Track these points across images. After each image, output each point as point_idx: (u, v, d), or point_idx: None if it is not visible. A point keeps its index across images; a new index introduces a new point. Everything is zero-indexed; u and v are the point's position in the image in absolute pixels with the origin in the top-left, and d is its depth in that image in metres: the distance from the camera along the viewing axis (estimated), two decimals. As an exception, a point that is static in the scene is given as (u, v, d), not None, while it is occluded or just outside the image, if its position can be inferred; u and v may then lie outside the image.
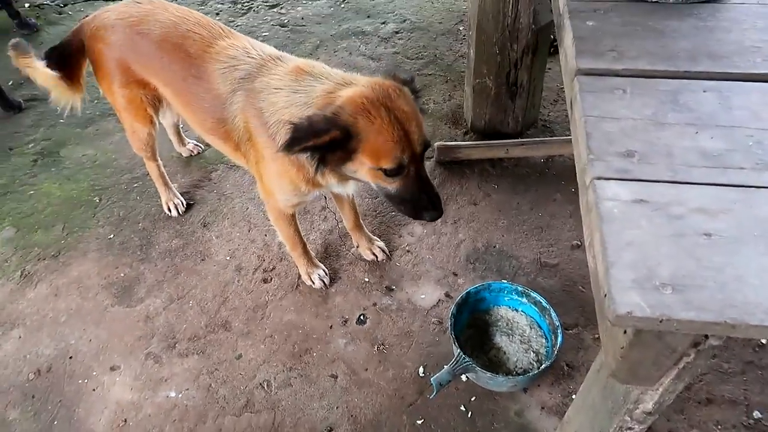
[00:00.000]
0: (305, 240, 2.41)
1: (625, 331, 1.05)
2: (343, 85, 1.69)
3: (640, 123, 1.28)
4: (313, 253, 2.47)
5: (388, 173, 1.64)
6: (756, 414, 2.01)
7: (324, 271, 2.46)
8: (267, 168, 1.97)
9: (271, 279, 2.51)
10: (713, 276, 0.99)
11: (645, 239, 1.04)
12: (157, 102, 2.33)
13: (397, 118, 1.57)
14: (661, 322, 0.94)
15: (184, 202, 2.81)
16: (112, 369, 2.25)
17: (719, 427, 1.99)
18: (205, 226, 2.75)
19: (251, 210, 2.79)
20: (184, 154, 3.07)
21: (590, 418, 1.56)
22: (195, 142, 3.07)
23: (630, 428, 1.35)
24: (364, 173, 1.69)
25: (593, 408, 1.54)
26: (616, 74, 1.40)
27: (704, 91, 1.35)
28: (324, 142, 1.56)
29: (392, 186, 1.70)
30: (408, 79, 1.74)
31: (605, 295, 0.98)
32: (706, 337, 1.05)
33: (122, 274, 2.57)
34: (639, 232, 1.06)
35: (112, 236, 2.73)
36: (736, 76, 1.38)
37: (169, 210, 2.78)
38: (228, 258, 2.60)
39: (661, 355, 1.05)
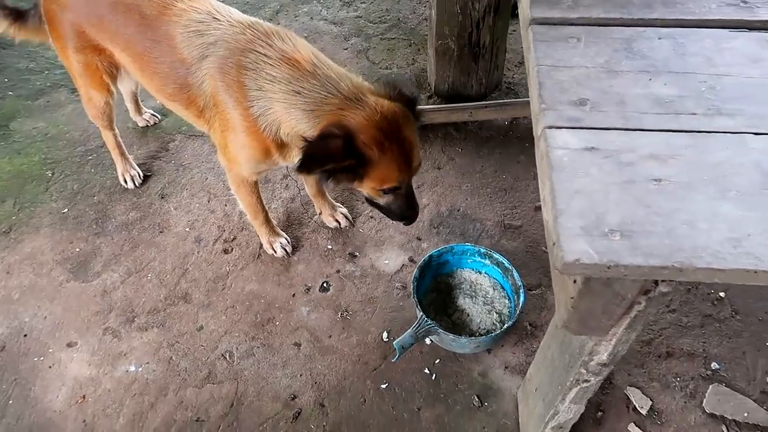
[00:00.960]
0: (267, 209, 2.35)
1: (574, 281, 1.03)
2: (353, 101, 1.65)
3: (593, 71, 1.25)
4: (274, 222, 2.42)
5: (386, 192, 1.79)
6: (714, 365, 2.05)
7: (286, 239, 2.41)
8: (235, 138, 1.89)
9: (232, 249, 2.45)
10: (662, 221, 0.97)
11: (594, 187, 1.02)
12: (114, 69, 2.22)
13: (404, 147, 1.67)
14: (608, 268, 0.92)
15: (141, 174, 2.72)
16: (69, 345, 2.18)
17: (678, 379, 2.02)
18: (163, 197, 2.66)
19: (210, 180, 2.71)
20: (140, 124, 2.96)
21: (549, 373, 1.56)
22: (152, 112, 2.97)
23: (586, 380, 1.35)
24: (362, 188, 1.80)
25: (552, 363, 1.54)
26: (571, 23, 1.36)
27: (659, 38, 1.32)
28: (341, 167, 1.64)
29: (383, 199, 1.84)
30: (412, 97, 1.75)
31: (554, 244, 0.96)
32: (656, 283, 1.04)
33: (77, 249, 2.48)
34: (589, 180, 1.03)
35: (66, 210, 2.63)
36: (691, 23, 1.35)
37: (126, 182, 2.69)
38: (187, 229, 2.53)
39: (611, 304, 1.04)
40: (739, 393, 1.98)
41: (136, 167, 2.72)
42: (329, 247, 2.46)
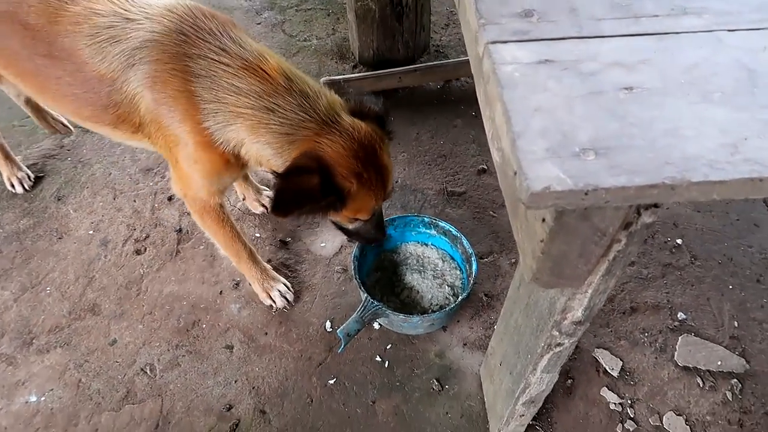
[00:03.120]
0: (247, 242, 1.90)
1: (543, 219, 0.84)
2: (329, 125, 1.43)
3: (535, -21, 1.06)
4: (267, 264, 2.01)
5: (358, 220, 1.63)
6: (680, 315, 1.93)
7: (285, 284, 1.99)
8: (185, 154, 1.57)
9: (145, 249, 2.15)
10: (641, 133, 0.79)
11: (555, 102, 0.83)
12: None
13: (381, 174, 1.51)
14: (586, 194, 0.73)
15: (32, 175, 2.36)
16: (-46, 381, 1.83)
17: (646, 334, 1.89)
18: (59, 199, 2.32)
19: (115, 175, 2.38)
20: (50, 131, 2.51)
21: (515, 343, 1.38)
22: (63, 121, 2.52)
23: (559, 344, 1.16)
24: (335, 217, 1.63)
25: (517, 331, 1.35)
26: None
27: (603, -60, 1.14)
28: (319, 206, 1.46)
29: (352, 225, 1.67)
30: (383, 113, 1.57)
31: (515, 173, 0.76)
32: (638, 213, 0.86)
33: (-41, 269, 2.12)
34: (547, 95, 0.84)
35: (-58, 226, 2.25)
36: None
37: (13, 186, 2.32)
38: (91, 232, 2.20)
39: (589, 243, 0.85)
40: (709, 341, 1.87)
41: (25, 168, 2.36)
42: (257, 235, 2.20)
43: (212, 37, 1.46)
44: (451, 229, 1.97)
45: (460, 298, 1.83)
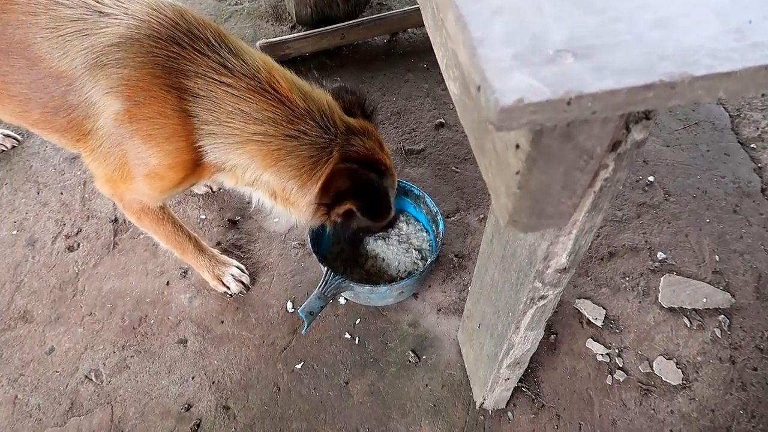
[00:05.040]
0: (191, 232, 1.73)
1: (517, 145, 0.69)
2: (348, 134, 1.40)
3: None
4: (213, 248, 1.83)
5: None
6: (660, 255, 1.84)
7: (238, 267, 1.82)
8: (150, 172, 1.38)
9: (78, 245, 1.94)
10: (626, 27, 0.65)
11: (518, 1, 0.67)
12: None
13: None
14: (569, 103, 0.58)
15: (-59, 177, 2.10)
16: None
17: (627, 278, 1.79)
18: (-24, 200, 2.07)
19: (36, 167, 2.14)
20: None
21: (493, 302, 1.24)
22: (6, 132, 2.21)
23: (543, 297, 1.03)
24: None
25: (494, 289, 1.22)
26: None
27: None
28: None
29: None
30: (369, 107, 1.55)
31: (479, 88, 0.61)
32: (627, 129, 0.71)
33: None
34: (508, -7, 0.68)
35: None
36: None
37: None
38: (15, 232, 1.97)
39: (573, 168, 0.70)
40: (691, 279, 1.78)
41: (-67, 170, 2.10)
42: (202, 217, 2.00)
43: (210, 49, 1.29)
44: (412, 188, 1.81)
45: (428, 261, 1.69)
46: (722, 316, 1.71)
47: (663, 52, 0.61)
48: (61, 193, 2.06)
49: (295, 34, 2.45)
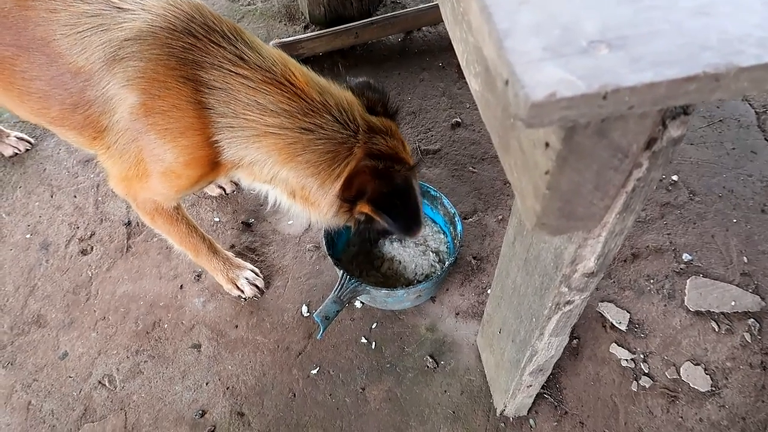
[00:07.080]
0: (206, 235, 1.71)
1: (547, 144, 0.64)
2: (368, 132, 1.35)
3: None
4: (227, 251, 1.80)
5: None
6: (686, 257, 1.78)
7: (253, 271, 1.79)
8: (166, 169, 1.37)
9: (92, 248, 1.92)
10: (664, 15, 0.60)
11: (546, -10, 0.63)
12: None
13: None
14: (605, 98, 0.54)
15: (-44, 181, 2.10)
16: None
17: (652, 281, 1.73)
18: (-10, 204, 2.07)
19: (50, 170, 2.13)
20: (6, 153, 2.17)
21: (515, 306, 1.20)
22: (19, 135, 2.19)
23: (569, 302, 0.98)
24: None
25: (516, 293, 1.17)
26: None
27: None
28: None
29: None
30: (393, 106, 1.53)
31: (507, 83, 0.57)
32: (664, 125, 0.67)
33: None
34: (535, -18, 0.64)
35: None
36: None
37: (-64, 195, 2.07)
38: (28, 236, 1.96)
39: (607, 168, 0.66)
40: (719, 281, 1.72)
41: (-52, 174, 2.10)
42: (216, 219, 1.98)
43: (226, 41, 1.27)
44: (429, 189, 1.77)
45: (446, 263, 1.65)
46: (752, 319, 1.65)
47: (705, 41, 0.57)
48: (75, 197, 2.05)
49: (309, 34, 2.42)
